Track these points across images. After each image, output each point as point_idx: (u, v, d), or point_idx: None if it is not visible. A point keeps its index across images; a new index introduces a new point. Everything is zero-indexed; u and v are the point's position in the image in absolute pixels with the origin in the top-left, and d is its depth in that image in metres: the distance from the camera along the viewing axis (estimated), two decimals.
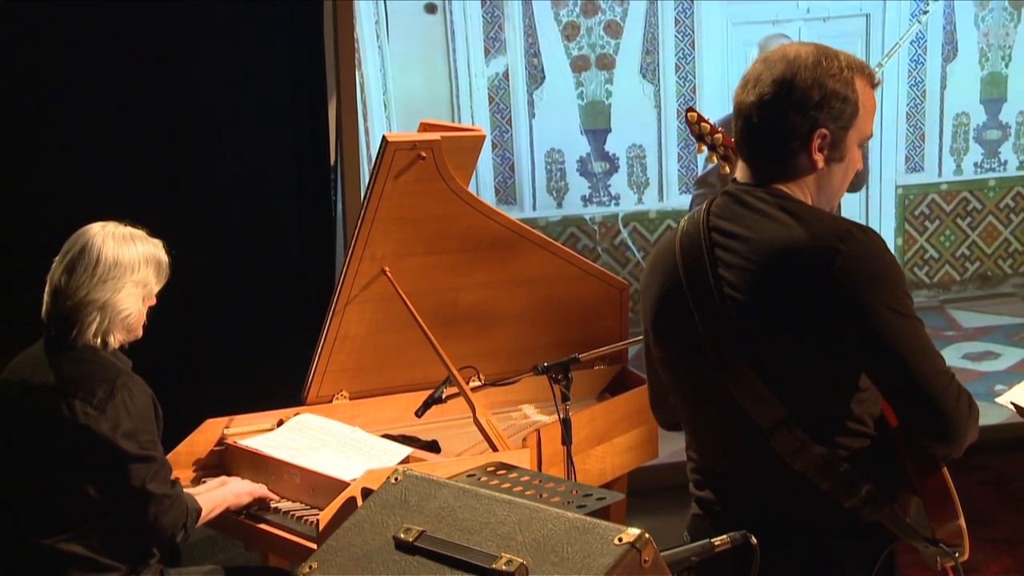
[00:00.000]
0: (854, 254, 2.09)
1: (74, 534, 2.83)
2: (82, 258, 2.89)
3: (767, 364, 2.14)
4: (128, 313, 2.92)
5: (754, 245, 2.15)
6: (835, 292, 2.08)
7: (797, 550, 2.20)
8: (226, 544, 4.63)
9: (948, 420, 2.11)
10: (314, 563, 1.92)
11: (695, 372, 2.26)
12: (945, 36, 5.85)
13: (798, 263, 2.11)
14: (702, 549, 1.95)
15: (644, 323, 2.41)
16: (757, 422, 2.16)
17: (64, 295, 2.88)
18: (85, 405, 2.81)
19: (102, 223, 2.98)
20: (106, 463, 2.82)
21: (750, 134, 2.23)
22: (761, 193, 2.20)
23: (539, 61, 5.42)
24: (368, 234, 3.49)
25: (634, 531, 1.71)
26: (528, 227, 3.84)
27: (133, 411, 2.84)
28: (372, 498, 2.00)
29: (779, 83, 2.17)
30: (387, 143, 3.36)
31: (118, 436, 2.81)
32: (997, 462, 5.95)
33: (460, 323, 3.80)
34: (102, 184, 4.69)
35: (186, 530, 2.93)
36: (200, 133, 4.88)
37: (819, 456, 2.14)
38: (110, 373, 2.86)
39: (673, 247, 2.28)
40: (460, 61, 5.34)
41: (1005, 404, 2.80)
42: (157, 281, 3.00)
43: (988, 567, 4.73)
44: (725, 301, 2.17)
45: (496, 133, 5.41)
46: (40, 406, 2.85)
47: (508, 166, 5.46)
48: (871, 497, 2.15)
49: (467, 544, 1.82)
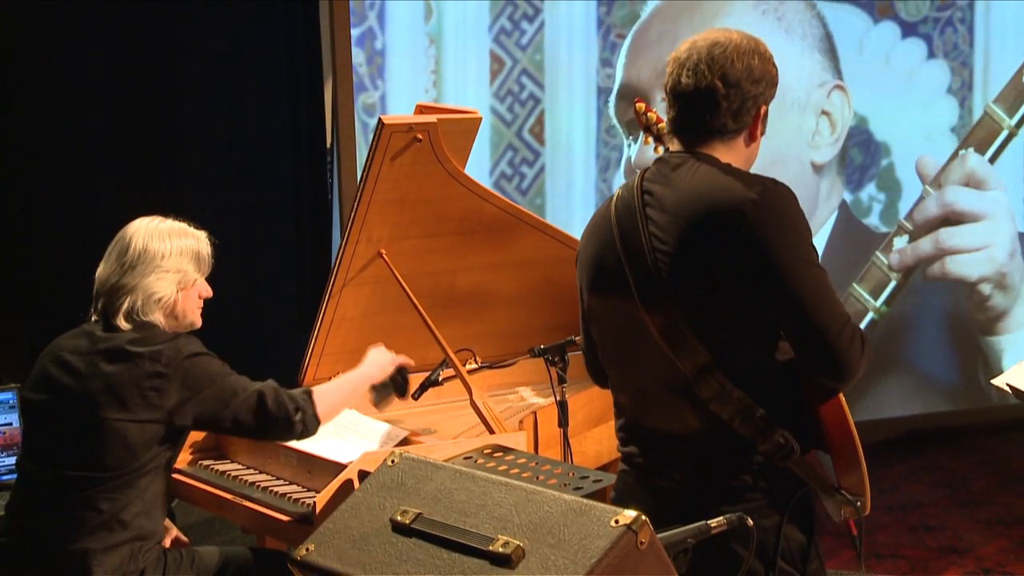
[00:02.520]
0: (766, 204, 2.25)
1: (101, 497, 2.88)
2: (116, 248, 3.03)
3: (692, 313, 2.29)
4: (160, 296, 2.99)
5: (677, 201, 2.32)
6: (748, 241, 2.24)
7: (714, 491, 2.32)
8: (223, 526, 4.65)
9: (840, 359, 2.25)
10: (311, 545, 1.93)
11: (624, 328, 2.40)
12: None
13: (716, 215, 2.27)
14: (698, 531, 1.96)
15: (580, 286, 2.54)
16: (682, 369, 2.29)
17: (101, 283, 3.02)
18: (155, 362, 2.89)
19: (148, 218, 3.09)
20: (193, 403, 2.92)
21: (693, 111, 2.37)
22: (689, 156, 2.37)
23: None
24: (364, 217, 3.48)
25: (630, 513, 1.71)
26: (525, 209, 3.84)
27: (198, 347, 2.99)
28: (369, 480, 2.00)
29: (742, 68, 2.34)
30: (383, 125, 3.35)
31: (202, 374, 2.94)
32: (993, 443, 5.98)
33: (457, 305, 3.80)
34: (97, 167, 4.69)
35: (302, 410, 3.02)
36: (196, 115, 4.88)
37: (738, 399, 2.27)
38: (168, 335, 2.98)
39: (608, 212, 2.44)
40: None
41: (1001, 385, 2.81)
42: (196, 270, 3.08)
43: (984, 547, 4.74)
44: (655, 255, 2.31)
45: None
46: (93, 368, 2.91)
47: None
48: (784, 441, 2.28)
49: (464, 526, 1.82)
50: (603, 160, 5.50)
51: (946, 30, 5.89)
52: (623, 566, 1.68)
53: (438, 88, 5.23)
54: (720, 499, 2.28)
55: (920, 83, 5.91)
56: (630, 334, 2.39)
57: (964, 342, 6.08)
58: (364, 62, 5.12)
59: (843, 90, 5.72)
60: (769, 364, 2.33)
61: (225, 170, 4.95)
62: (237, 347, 4.88)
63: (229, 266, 4.95)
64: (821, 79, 5.66)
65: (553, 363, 3.33)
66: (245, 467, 3.41)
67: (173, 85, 4.83)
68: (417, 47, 5.20)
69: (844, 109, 5.74)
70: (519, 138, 5.39)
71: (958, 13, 5.90)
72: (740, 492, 2.31)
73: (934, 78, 5.92)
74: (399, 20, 5.17)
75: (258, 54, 4.99)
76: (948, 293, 6.02)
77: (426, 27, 5.20)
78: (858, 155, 5.85)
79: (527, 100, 5.39)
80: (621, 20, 5.43)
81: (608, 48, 5.45)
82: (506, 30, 5.31)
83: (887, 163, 5.90)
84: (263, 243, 5.05)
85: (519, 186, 5.39)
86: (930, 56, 5.89)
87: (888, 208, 5.92)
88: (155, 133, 4.82)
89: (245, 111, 4.98)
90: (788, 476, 2.33)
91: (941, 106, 5.95)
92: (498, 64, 5.33)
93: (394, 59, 5.18)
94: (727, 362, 2.28)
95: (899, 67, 5.87)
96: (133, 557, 2.92)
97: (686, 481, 2.35)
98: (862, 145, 5.85)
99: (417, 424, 3.57)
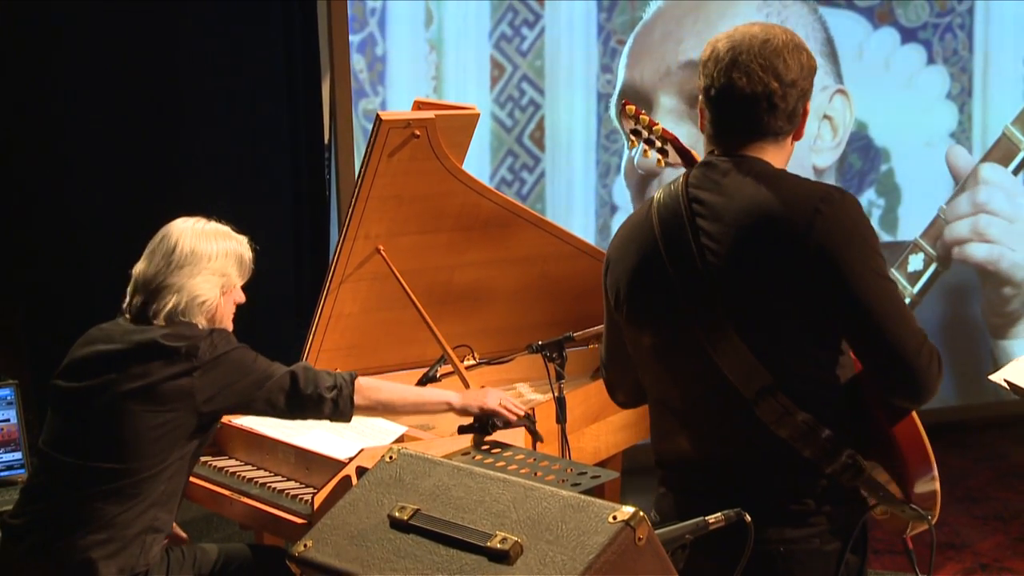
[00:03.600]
0: (834, 216, 2.12)
1: (110, 494, 2.86)
2: (161, 247, 3.00)
3: (751, 330, 2.15)
4: (205, 299, 2.98)
5: (735, 211, 2.17)
6: (816, 254, 2.11)
7: (776, 516, 2.19)
8: (221, 523, 4.65)
9: (921, 380, 2.15)
10: (309, 541, 1.93)
11: (671, 345, 2.26)
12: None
13: (779, 226, 2.13)
14: (696, 527, 1.95)
15: (611, 298, 2.37)
16: (740, 390, 2.16)
17: (143, 281, 2.98)
18: (191, 359, 2.89)
19: (192, 219, 3.07)
20: (226, 376, 2.92)
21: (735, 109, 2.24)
22: (739, 160, 2.22)
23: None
24: (362, 213, 3.48)
25: (628, 509, 1.71)
26: (523, 205, 3.84)
27: (231, 341, 2.99)
28: (367, 477, 2.00)
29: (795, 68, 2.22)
30: (381, 121, 3.35)
31: (221, 353, 2.93)
32: (990, 439, 5.98)
33: (454, 302, 3.80)
34: (95, 164, 4.68)
35: (338, 388, 3.00)
36: (193, 111, 4.87)
37: (803, 422, 2.14)
38: (203, 332, 2.96)
39: (648, 219, 2.27)
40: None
41: (998, 381, 2.81)
42: (239, 274, 3.08)
43: (981, 543, 4.75)
44: (708, 269, 2.17)
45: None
46: (130, 360, 2.89)
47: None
48: (852, 462, 2.17)
49: (462, 522, 1.82)
50: (603, 166, 5.50)
51: (946, 36, 5.89)
52: (621, 562, 1.68)
53: (439, 94, 5.22)
54: (781, 525, 2.18)
55: (920, 89, 5.91)
56: (677, 353, 2.25)
57: (966, 346, 6.09)
58: (365, 68, 5.12)
59: (845, 94, 5.71)
60: (831, 382, 2.20)
61: (223, 167, 4.95)
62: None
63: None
64: (823, 83, 5.65)
65: (551, 359, 3.32)
66: (243, 463, 3.41)
67: (171, 83, 4.82)
68: (418, 53, 5.20)
69: (846, 113, 5.73)
70: (519, 144, 5.39)
71: (957, 19, 5.89)
72: (803, 517, 2.20)
73: (933, 84, 5.92)
74: (400, 26, 5.16)
75: (256, 51, 4.98)
76: (953, 297, 6.03)
77: (427, 33, 5.19)
78: (857, 160, 5.85)
79: (527, 106, 5.38)
80: (621, 26, 5.43)
81: (608, 54, 5.44)
82: (506, 36, 5.31)
83: (886, 168, 5.90)
84: (261, 240, 5.03)
85: (519, 191, 5.38)
86: (929, 62, 5.89)
87: (887, 214, 5.92)
88: (153, 131, 4.82)
89: (243, 108, 4.97)
90: (851, 499, 2.23)
91: (940, 112, 5.96)
92: (498, 70, 5.32)
93: (395, 65, 5.18)
94: (789, 382, 2.15)
95: (899, 73, 5.86)
96: (144, 552, 2.91)
97: (744, 506, 2.09)
98: (861, 151, 5.85)
99: (415, 420, 3.56)
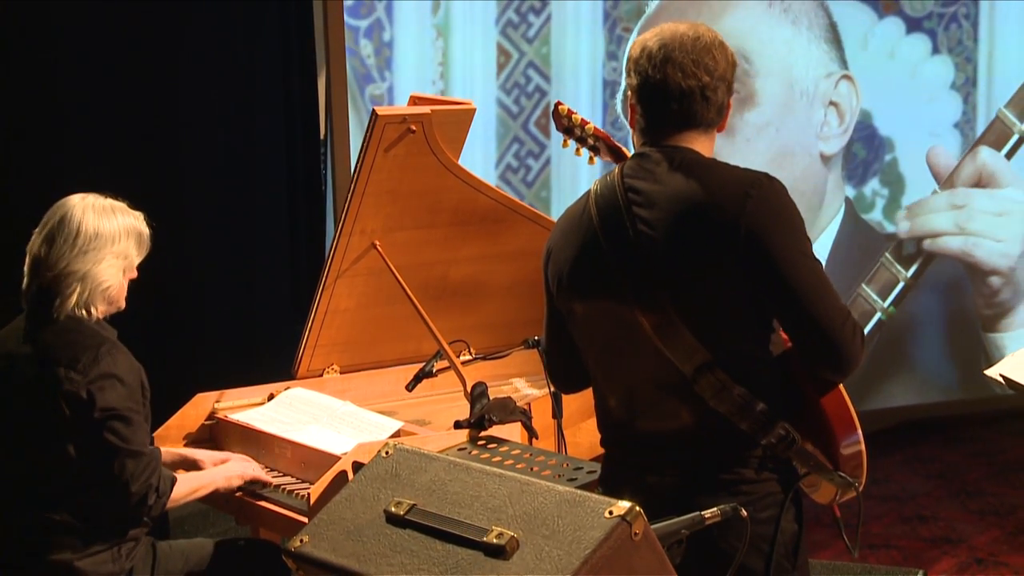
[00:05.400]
0: (763, 200, 2.26)
1: (61, 504, 2.82)
2: (62, 229, 2.84)
3: (689, 310, 2.27)
4: (109, 285, 2.88)
5: (669, 197, 2.29)
6: (746, 236, 2.24)
7: (710, 485, 2.30)
8: (217, 518, 4.64)
9: (844, 353, 2.28)
10: (305, 537, 1.93)
11: (612, 328, 2.37)
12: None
13: (712, 210, 2.26)
14: (692, 522, 1.96)
15: (553, 286, 2.48)
16: (680, 368, 2.28)
17: (44, 266, 2.85)
18: (69, 371, 2.78)
19: (82, 195, 2.92)
20: (88, 424, 2.78)
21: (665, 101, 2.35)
22: (669, 151, 2.34)
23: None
24: (358, 208, 3.48)
25: (624, 504, 1.71)
26: (519, 201, 3.84)
27: (117, 375, 2.82)
28: (363, 472, 2.00)
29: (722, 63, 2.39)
30: (377, 116, 3.35)
31: (101, 398, 2.78)
32: (987, 433, 5.99)
33: (451, 297, 3.80)
34: (89, 156, 4.67)
35: (158, 494, 2.85)
36: (188, 107, 4.86)
37: (739, 396, 2.27)
38: (94, 340, 2.83)
39: (587, 209, 2.39)
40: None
41: (994, 376, 2.81)
42: (138, 253, 2.95)
43: (977, 538, 4.75)
44: (646, 253, 2.29)
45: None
46: (25, 376, 2.83)
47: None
48: (785, 433, 2.29)
49: (458, 517, 1.82)
50: None
51: (951, 26, 5.88)
52: (617, 557, 1.69)
53: (445, 80, 5.23)
54: (716, 493, 2.27)
55: (924, 79, 5.89)
56: (618, 335, 2.37)
57: (963, 339, 6.08)
58: (372, 53, 5.12)
59: (850, 80, 5.69)
60: (764, 358, 2.34)
61: (219, 161, 4.94)
62: (231, 339, 4.91)
63: (223, 258, 4.99)
64: (828, 70, 5.62)
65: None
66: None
67: (167, 76, 4.81)
68: (424, 39, 5.20)
69: (852, 99, 5.71)
70: (525, 131, 5.39)
71: (963, 9, 5.88)
72: (736, 485, 2.31)
73: (938, 74, 5.90)
74: (407, 12, 5.16)
75: (252, 45, 4.97)
76: (950, 291, 6.03)
77: (433, 19, 5.19)
78: (861, 150, 5.84)
79: (533, 92, 5.38)
80: (627, 13, 5.43)
81: (614, 41, 5.44)
82: (513, 23, 5.31)
83: (890, 158, 5.89)
84: (257, 234, 5.03)
85: (525, 179, 5.39)
86: (935, 52, 5.87)
87: (891, 203, 5.91)
88: (148, 124, 4.80)
89: (239, 103, 4.96)
90: (783, 468, 2.35)
91: (945, 102, 5.94)
92: (505, 57, 5.33)
93: (402, 51, 5.18)
94: (725, 359, 2.27)
95: (904, 62, 5.85)
96: (115, 560, 2.88)
97: (680, 476, 2.34)
98: (865, 140, 5.84)
99: (411, 415, 3.56)
